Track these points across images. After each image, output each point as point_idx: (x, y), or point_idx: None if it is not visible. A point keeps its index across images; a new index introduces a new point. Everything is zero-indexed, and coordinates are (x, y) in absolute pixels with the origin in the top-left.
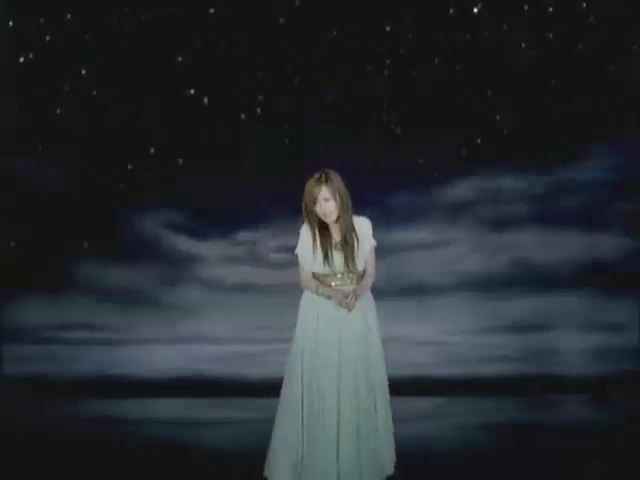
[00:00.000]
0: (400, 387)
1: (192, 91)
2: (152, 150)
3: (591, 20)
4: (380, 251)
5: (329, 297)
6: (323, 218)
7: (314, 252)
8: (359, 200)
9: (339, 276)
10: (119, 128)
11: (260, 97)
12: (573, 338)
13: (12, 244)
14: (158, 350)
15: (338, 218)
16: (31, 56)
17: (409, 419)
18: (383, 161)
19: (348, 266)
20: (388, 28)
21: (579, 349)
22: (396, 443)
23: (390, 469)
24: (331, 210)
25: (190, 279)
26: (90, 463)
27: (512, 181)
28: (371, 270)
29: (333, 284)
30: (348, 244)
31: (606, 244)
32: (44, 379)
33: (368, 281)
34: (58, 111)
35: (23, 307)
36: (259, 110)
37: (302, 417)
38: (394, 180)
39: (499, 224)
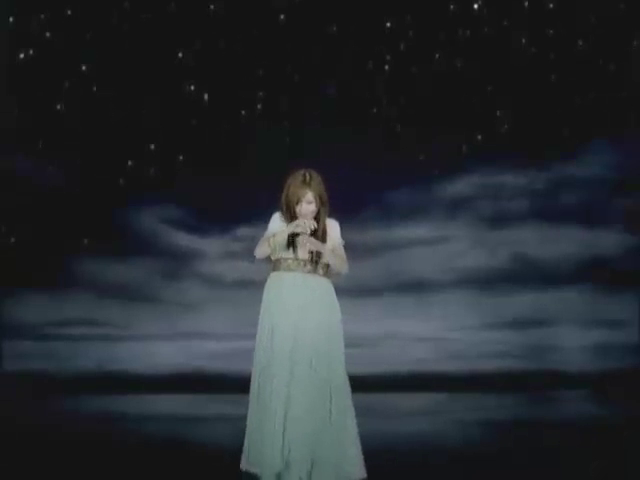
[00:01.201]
0: (400, 383)
1: (192, 88)
2: (152, 147)
3: (591, 17)
4: (380, 247)
5: (290, 239)
6: (298, 215)
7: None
8: (360, 197)
9: (303, 263)
10: (119, 125)
11: (260, 94)
12: (573, 334)
13: (12, 241)
14: (158, 346)
15: (314, 216)
16: (31, 52)
17: (409, 415)
18: (383, 158)
19: (312, 254)
20: (388, 25)
21: (579, 345)
22: (396, 438)
23: (358, 473)
24: (310, 211)
25: (190, 275)
26: (90, 459)
27: (512, 177)
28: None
29: (287, 266)
30: (317, 237)
31: (606, 240)
32: (44, 375)
33: (339, 259)
34: (58, 107)
35: (23, 304)
36: (259, 107)
37: (256, 403)
38: (394, 177)
39: (499, 220)
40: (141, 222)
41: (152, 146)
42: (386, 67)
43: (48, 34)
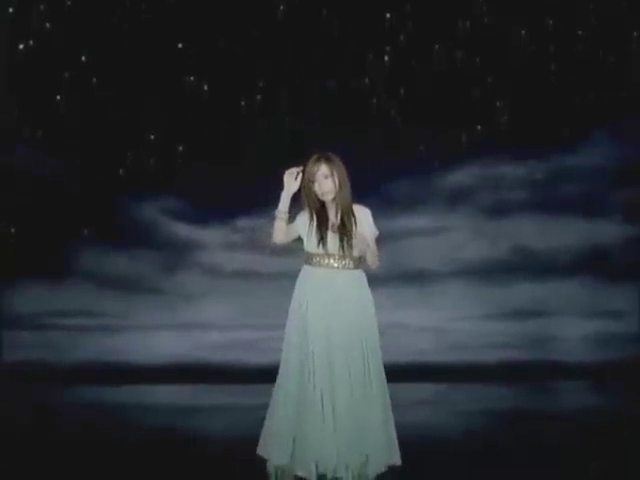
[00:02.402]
0: (401, 373)
1: (192, 79)
2: (152, 137)
3: (591, 7)
4: (381, 238)
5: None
6: (320, 197)
7: (309, 233)
8: (360, 188)
9: (333, 258)
10: (119, 115)
11: (260, 84)
12: (574, 325)
13: (12, 231)
14: (157, 337)
15: (335, 198)
16: (31, 43)
17: (410, 405)
18: (383, 149)
19: (343, 248)
20: (388, 16)
21: (579, 336)
22: (397, 429)
23: (396, 458)
24: (329, 188)
25: (190, 266)
26: (89, 450)
27: (512, 168)
28: (373, 255)
29: (318, 263)
30: (345, 227)
31: (606, 231)
32: (43, 366)
33: (370, 254)
34: (58, 98)
35: (22, 294)
36: (259, 97)
37: (296, 397)
38: (394, 168)
39: (499, 211)
40: (141, 213)
41: (152, 137)
42: (385, 59)
43: (48, 25)
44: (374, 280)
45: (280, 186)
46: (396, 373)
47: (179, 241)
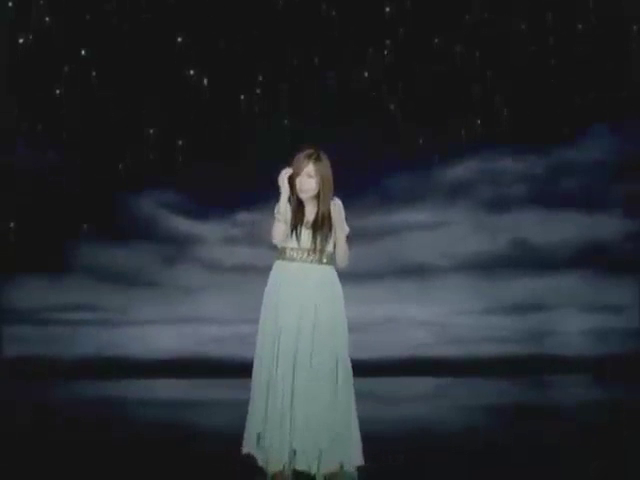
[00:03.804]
0: (401, 367)
1: (191, 72)
2: (151, 131)
3: (591, 1)
4: (380, 232)
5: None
6: (298, 192)
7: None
8: (360, 183)
9: (306, 253)
10: (118, 109)
11: (260, 78)
12: (573, 319)
13: (11, 226)
14: (157, 331)
15: (314, 198)
16: (30, 37)
17: (410, 399)
18: (383, 143)
19: (315, 243)
20: (387, 9)
21: (579, 330)
22: (396, 422)
23: (357, 459)
24: (309, 188)
25: (189, 260)
26: (89, 443)
27: (512, 163)
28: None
29: (290, 256)
30: (319, 226)
31: (606, 225)
32: (43, 360)
33: (340, 251)
34: (57, 92)
35: (22, 289)
36: (259, 91)
37: (266, 390)
38: (394, 162)
39: (499, 206)
40: (140, 207)
41: (151, 131)
42: (385, 52)
43: (47, 18)
44: (374, 274)
45: (277, 184)
46: (396, 367)
47: (179, 235)
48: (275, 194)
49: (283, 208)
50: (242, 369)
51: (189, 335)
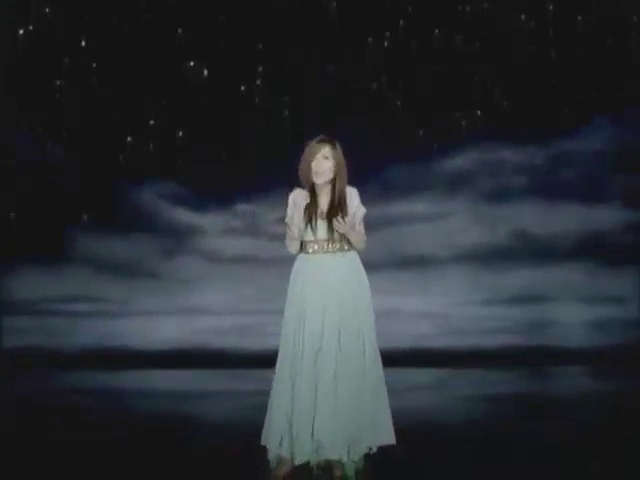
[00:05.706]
0: (401, 358)
1: (192, 64)
2: (152, 122)
3: None
4: (380, 224)
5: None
6: (314, 177)
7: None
8: (360, 173)
9: (324, 243)
10: (118, 100)
11: (260, 69)
12: (573, 310)
13: (12, 216)
14: (157, 322)
15: (328, 184)
16: (31, 28)
17: (410, 390)
18: (383, 133)
19: (332, 235)
20: (387, 0)
21: (579, 321)
22: (397, 414)
23: (388, 438)
24: (325, 169)
25: (190, 251)
26: (89, 434)
27: (512, 154)
28: (360, 237)
29: (311, 250)
30: (334, 215)
31: (606, 216)
32: (43, 351)
33: (357, 236)
34: (58, 83)
35: (22, 279)
36: (259, 82)
37: (290, 383)
38: (394, 153)
39: (499, 197)
40: (141, 198)
41: (151, 122)
42: (385, 43)
43: (48, 9)
44: (374, 265)
45: (276, 174)
46: (396, 358)
47: (179, 226)
48: (275, 186)
49: (296, 227)
50: (243, 360)
51: (189, 326)
